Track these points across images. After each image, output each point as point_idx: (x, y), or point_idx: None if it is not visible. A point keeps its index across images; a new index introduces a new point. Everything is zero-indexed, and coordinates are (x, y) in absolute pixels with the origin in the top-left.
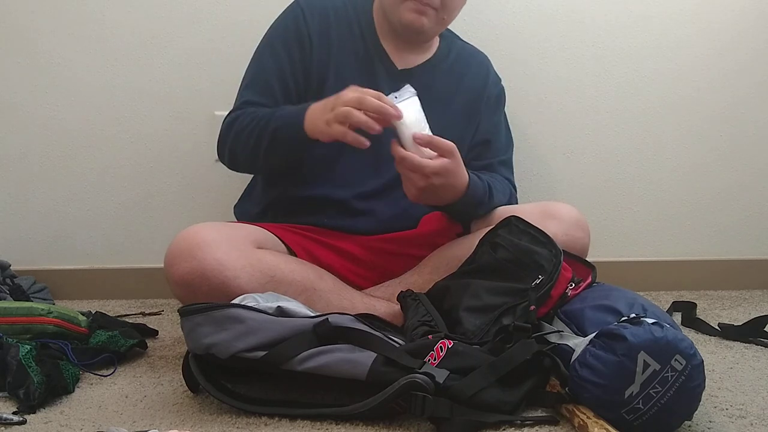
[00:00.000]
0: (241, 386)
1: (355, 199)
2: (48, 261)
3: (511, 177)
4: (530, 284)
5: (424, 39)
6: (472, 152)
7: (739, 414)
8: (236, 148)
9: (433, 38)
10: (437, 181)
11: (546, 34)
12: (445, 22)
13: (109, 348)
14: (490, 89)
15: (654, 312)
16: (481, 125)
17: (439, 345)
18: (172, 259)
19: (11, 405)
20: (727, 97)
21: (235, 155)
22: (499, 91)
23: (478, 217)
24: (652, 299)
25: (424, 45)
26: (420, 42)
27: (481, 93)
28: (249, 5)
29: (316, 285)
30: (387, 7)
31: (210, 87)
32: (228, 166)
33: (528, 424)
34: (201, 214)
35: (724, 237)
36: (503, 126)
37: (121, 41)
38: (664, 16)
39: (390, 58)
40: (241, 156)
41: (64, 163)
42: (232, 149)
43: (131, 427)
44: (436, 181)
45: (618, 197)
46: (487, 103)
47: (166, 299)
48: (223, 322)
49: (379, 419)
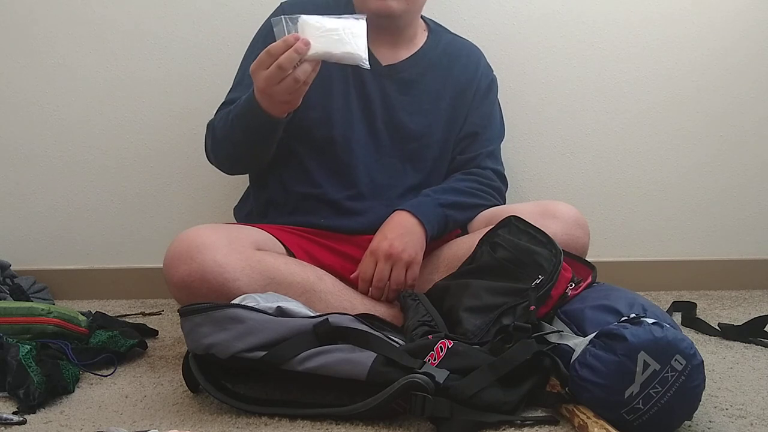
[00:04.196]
0: (241, 386)
1: (349, 199)
2: (48, 261)
3: (498, 166)
4: (530, 284)
5: (401, 24)
6: (459, 146)
7: (739, 414)
8: (216, 147)
9: (412, 25)
10: (392, 262)
11: (546, 34)
12: (416, 2)
13: (109, 348)
14: (479, 81)
15: (654, 312)
16: (470, 117)
17: (439, 345)
18: (171, 262)
19: (11, 405)
20: (727, 97)
21: (217, 155)
22: (490, 82)
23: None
24: (652, 299)
25: (407, 38)
26: (398, 30)
27: (470, 85)
28: (249, 3)
29: (315, 286)
30: (355, 1)
31: (211, 87)
32: (217, 167)
33: (528, 424)
34: (201, 215)
35: (724, 237)
36: (494, 117)
37: (121, 40)
38: (665, 15)
39: (373, 54)
40: (221, 154)
41: (64, 163)
42: (214, 150)
43: (131, 427)
44: (390, 265)
45: (618, 197)
46: (476, 95)
47: (166, 299)
48: (223, 322)
49: (379, 419)
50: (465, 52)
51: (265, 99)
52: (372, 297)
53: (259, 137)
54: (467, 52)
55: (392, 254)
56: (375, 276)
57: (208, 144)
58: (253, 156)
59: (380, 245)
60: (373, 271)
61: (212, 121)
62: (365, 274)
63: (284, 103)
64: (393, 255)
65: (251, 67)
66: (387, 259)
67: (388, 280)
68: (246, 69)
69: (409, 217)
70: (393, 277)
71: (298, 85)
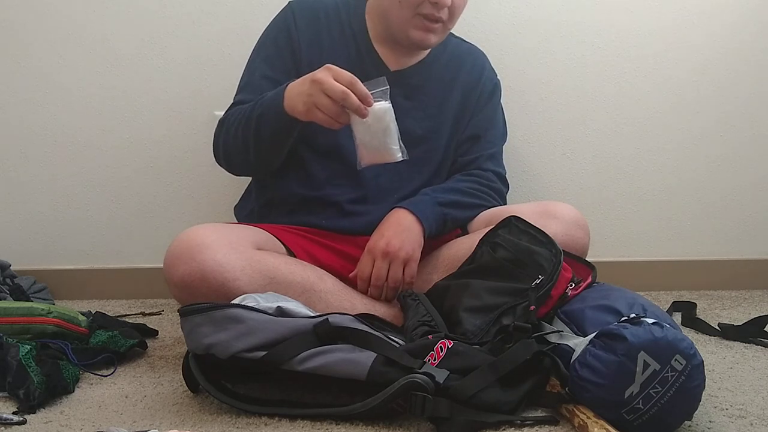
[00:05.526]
0: (241, 386)
1: (350, 201)
2: (48, 261)
3: (499, 168)
4: (530, 284)
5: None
6: (461, 148)
7: (739, 414)
8: (228, 145)
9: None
10: (389, 259)
11: (546, 35)
12: (449, 29)
13: (109, 348)
14: (483, 85)
15: (654, 312)
16: (473, 120)
17: (439, 345)
18: (171, 261)
19: (11, 405)
20: (728, 100)
21: (228, 153)
22: (494, 86)
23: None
24: (652, 299)
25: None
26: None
27: (474, 89)
28: (249, 5)
29: (316, 286)
30: (394, 24)
31: (209, 87)
32: (225, 167)
33: (528, 424)
34: (201, 215)
35: (724, 237)
36: (497, 120)
37: (121, 41)
38: (668, 18)
39: (382, 59)
40: (233, 152)
41: (64, 163)
42: (225, 148)
43: (131, 427)
44: (387, 263)
45: (618, 197)
46: (479, 99)
47: (166, 299)
48: (222, 322)
49: (379, 419)
50: (470, 56)
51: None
52: (371, 296)
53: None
54: (473, 56)
55: (389, 252)
56: (373, 274)
57: (219, 141)
58: (266, 157)
59: (377, 243)
60: (371, 270)
61: (223, 120)
62: (363, 273)
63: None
64: (390, 253)
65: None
66: (384, 257)
67: (386, 279)
68: (253, 70)
69: (407, 215)
70: (391, 274)
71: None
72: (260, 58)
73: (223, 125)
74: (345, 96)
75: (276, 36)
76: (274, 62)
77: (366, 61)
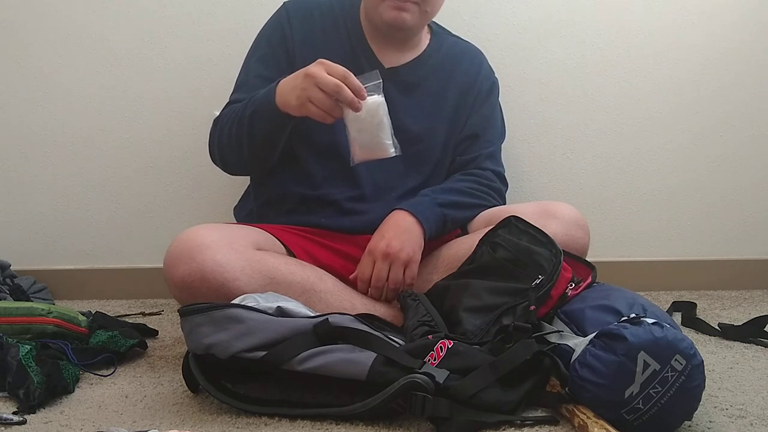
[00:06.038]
0: (241, 386)
1: (350, 200)
2: (48, 261)
3: (498, 167)
4: (530, 284)
5: (410, 35)
6: (459, 147)
7: (739, 414)
8: (223, 144)
9: (419, 33)
10: (390, 261)
11: (546, 35)
12: (428, 15)
13: (109, 348)
14: (481, 83)
15: (654, 312)
16: (470, 119)
17: (439, 345)
18: (171, 261)
19: (11, 405)
20: (728, 100)
21: (223, 152)
22: (491, 84)
23: (467, 220)
24: (652, 299)
25: (412, 42)
26: (406, 38)
27: (471, 87)
28: (247, 6)
29: (316, 286)
30: (368, 9)
31: (209, 87)
32: (221, 166)
33: (528, 424)
34: (201, 215)
35: (724, 237)
36: (495, 119)
37: (121, 41)
38: (668, 18)
39: (376, 57)
40: (228, 151)
41: (64, 163)
42: (219, 147)
43: (131, 427)
44: (387, 265)
45: (618, 197)
46: (477, 97)
47: (166, 299)
48: (222, 322)
49: (379, 419)
50: (468, 55)
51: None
52: (371, 297)
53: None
54: (470, 55)
55: (390, 253)
56: (373, 276)
57: (214, 141)
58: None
59: (378, 245)
60: (372, 271)
61: (217, 120)
62: (363, 274)
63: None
64: (391, 254)
65: (319, 59)
66: (385, 258)
67: (387, 280)
68: (249, 69)
69: (407, 216)
70: (391, 276)
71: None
72: (255, 58)
73: (217, 125)
74: (338, 89)
75: (270, 35)
76: (268, 61)
77: (361, 58)
